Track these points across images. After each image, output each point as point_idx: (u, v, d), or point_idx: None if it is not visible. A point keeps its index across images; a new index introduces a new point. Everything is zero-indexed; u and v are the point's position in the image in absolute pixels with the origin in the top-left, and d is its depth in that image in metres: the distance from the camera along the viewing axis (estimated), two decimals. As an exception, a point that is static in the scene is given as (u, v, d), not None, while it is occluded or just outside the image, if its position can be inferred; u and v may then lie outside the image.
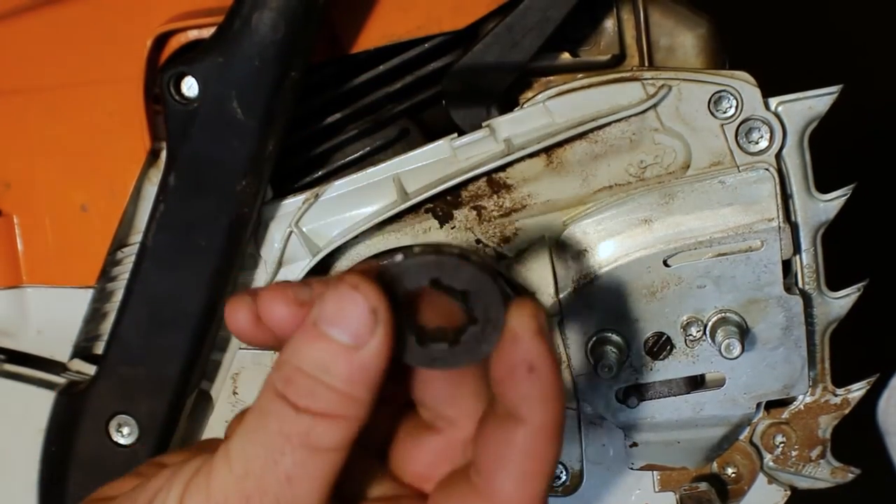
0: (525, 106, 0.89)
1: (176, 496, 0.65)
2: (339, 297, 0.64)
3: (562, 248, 0.91)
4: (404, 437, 0.70)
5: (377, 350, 0.64)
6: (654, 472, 0.97)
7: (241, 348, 0.96)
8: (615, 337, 0.90)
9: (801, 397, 0.96)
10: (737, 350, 0.87)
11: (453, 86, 0.90)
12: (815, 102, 0.89)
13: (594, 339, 0.91)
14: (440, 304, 0.67)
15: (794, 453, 0.97)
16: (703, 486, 0.95)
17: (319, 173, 0.95)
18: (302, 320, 0.66)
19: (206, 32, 0.87)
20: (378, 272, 0.65)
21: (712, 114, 0.88)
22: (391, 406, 0.70)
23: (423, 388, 0.69)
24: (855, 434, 1.01)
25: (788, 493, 0.98)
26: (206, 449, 0.69)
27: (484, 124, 0.89)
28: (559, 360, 0.66)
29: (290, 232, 0.91)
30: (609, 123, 0.88)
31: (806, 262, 0.92)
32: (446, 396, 0.69)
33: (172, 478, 0.68)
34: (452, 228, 0.92)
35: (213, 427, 0.97)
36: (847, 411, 0.96)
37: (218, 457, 0.66)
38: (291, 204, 0.92)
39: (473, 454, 0.65)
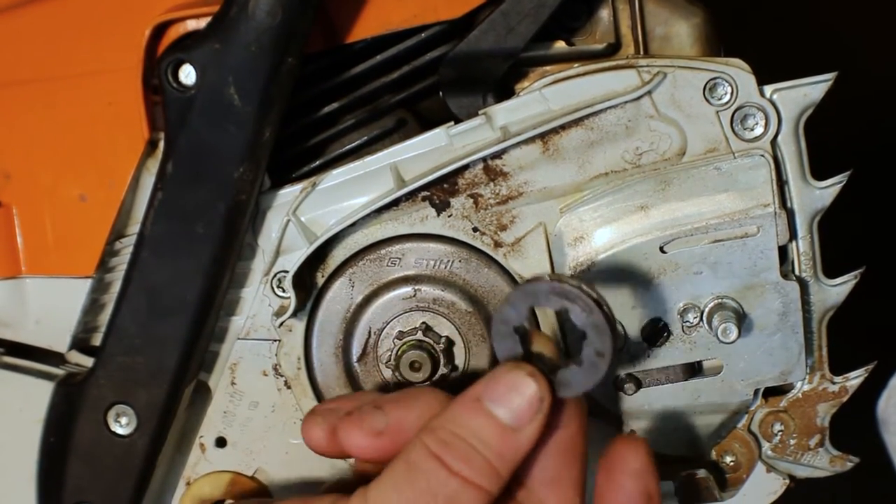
0: (521, 94, 0.90)
1: None
2: (513, 380, 0.72)
3: (558, 235, 0.91)
4: None
5: (532, 435, 0.72)
6: (653, 460, 0.97)
7: (239, 338, 0.96)
8: (612, 324, 0.90)
9: (798, 385, 0.96)
10: (733, 334, 0.87)
11: (449, 74, 0.91)
12: (810, 90, 0.89)
13: (591, 326, 0.91)
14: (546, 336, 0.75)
15: (792, 441, 0.97)
16: (702, 473, 0.95)
17: (317, 163, 0.95)
18: (378, 448, 0.75)
19: (204, 22, 0.88)
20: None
21: (707, 100, 0.89)
22: None
23: (533, 465, 0.75)
24: (855, 430, 1.01)
25: (787, 481, 0.97)
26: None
27: (480, 112, 0.90)
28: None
29: (288, 221, 0.92)
30: (604, 110, 0.88)
31: (802, 249, 0.92)
32: (552, 478, 0.75)
33: None
34: (449, 217, 0.92)
35: (212, 417, 0.98)
36: (845, 399, 0.96)
37: (355, 498, 0.71)
38: (289, 193, 0.92)
39: None
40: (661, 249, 0.89)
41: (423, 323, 0.93)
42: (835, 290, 0.93)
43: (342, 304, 0.95)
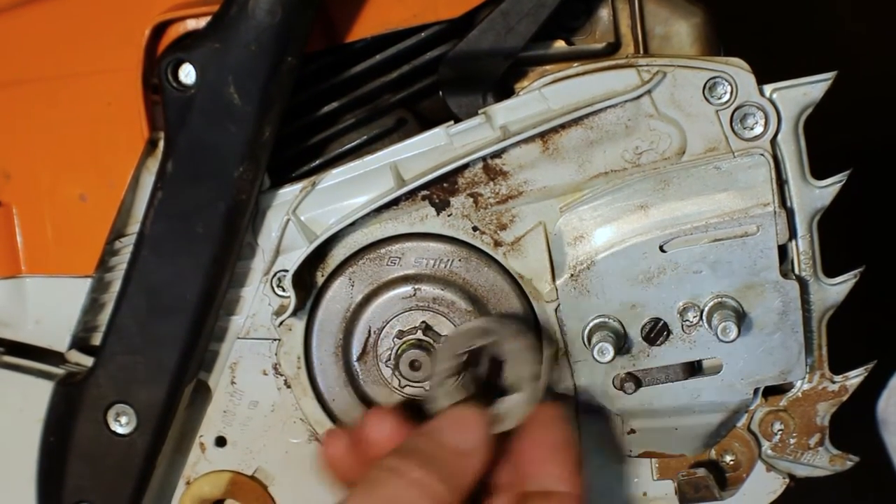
0: (521, 93, 0.90)
1: None
2: (459, 416, 0.82)
3: (558, 234, 0.91)
4: None
5: (481, 459, 0.80)
6: (653, 459, 0.97)
7: (239, 338, 0.96)
8: (612, 323, 0.90)
9: (798, 384, 0.95)
10: (733, 333, 0.87)
11: (449, 73, 0.91)
12: (810, 89, 0.89)
13: (591, 325, 0.91)
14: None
15: (792, 441, 0.97)
16: (701, 471, 0.95)
17: (317, 162, 0.95)
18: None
19: (204, 21, 0.88)
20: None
21: (707, 100, 0.88)
22: None
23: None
24: (855, 430, 1.01)
25: (787, 480, 0.97)
26: None
27: (480, 112, 0.90)
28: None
29: (288, 220, 0.92)
30: (604, 109, 0.88)
31: (802, 249, 0.92)
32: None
33: None
34: (449, 216, 0.92)
35: (212, 417, 0.98)
36: (845, 398, 0.96)
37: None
38: (289, 192, 0.92)
39: None
40: (661, 248, 0.89)
41: (423, 322, 0.93)
42: (834, 290, 0.93)
43: (342, 303, 0.95)
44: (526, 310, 0.93)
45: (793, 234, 0.91)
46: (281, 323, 0.94)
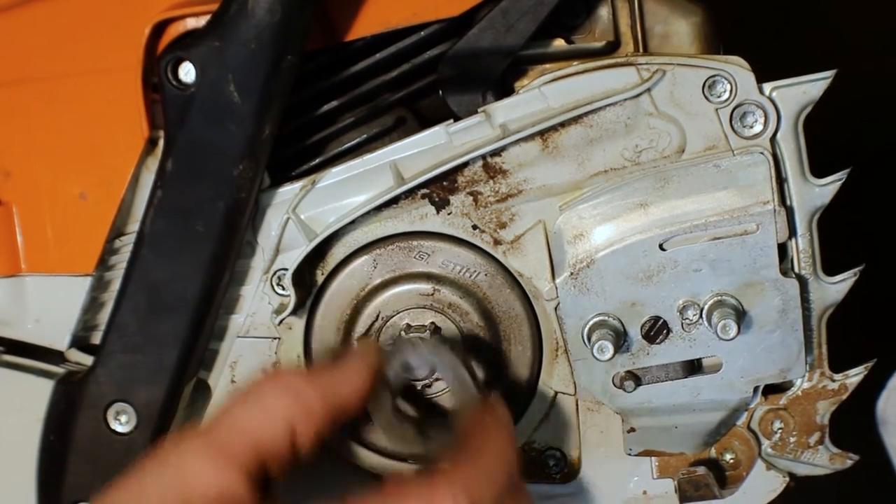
0: (520, 92, 0.90)
1: None
2: None
3: (558, 233, 0.91)
4: None
5: None
6: (653, 457, 0.97)
7: (239, 336, 0.96)
8: (612, 321, 0.90)
9: (798, 382, 0.95)
10: (733, 331, 0.87)
11: (449, 71, 0.91)
12: (810, 87, 0.89)
13: (591, 323, 0.91)
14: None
15: (792, 439, 0.97)
16: (701, 470, 0.95)
17: (316, 161, 0.95)
18: None
19: (204, 20, 0.88)
20: None
21: (707, 98, 0.88)
22: None
23: None
24: (855, 430, 1.01)
25: (787, 479, 0.97)
26: None
27: (480, 110, 0.90)
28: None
29: (288, 219, 0.92)
30: (604, 107, 0.88)
31: (802, 247, 0.92)
32: None
33: None
34: (449, 214, 0.92)
35: (212, 415, 0.97)
36: (845, 397, 0.96)
37: None
38: (288, 191, 0.92)
39: None
40: (661, 247, 0.89)
41: (433, 323, 0.93)
42: (834, 288, 0.93)
43: (360, 280, 0.94)
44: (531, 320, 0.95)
45: (792, 232, 0.91)
46: (281, 321, 0.94)
